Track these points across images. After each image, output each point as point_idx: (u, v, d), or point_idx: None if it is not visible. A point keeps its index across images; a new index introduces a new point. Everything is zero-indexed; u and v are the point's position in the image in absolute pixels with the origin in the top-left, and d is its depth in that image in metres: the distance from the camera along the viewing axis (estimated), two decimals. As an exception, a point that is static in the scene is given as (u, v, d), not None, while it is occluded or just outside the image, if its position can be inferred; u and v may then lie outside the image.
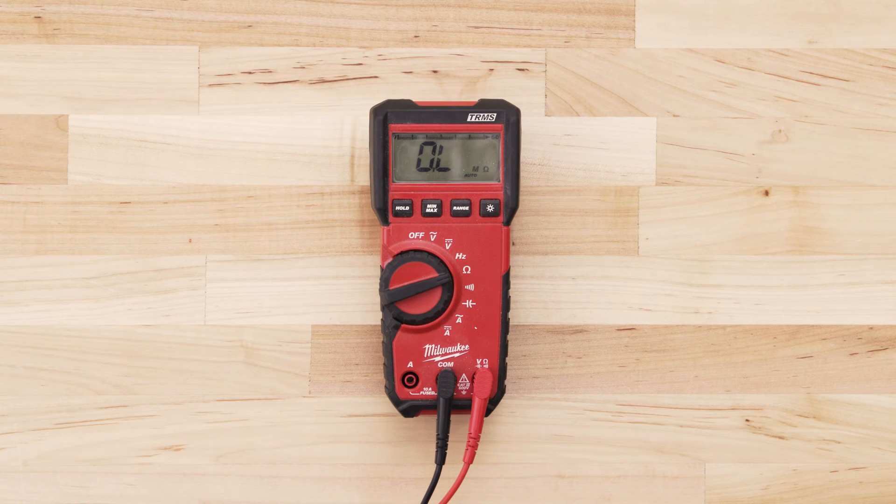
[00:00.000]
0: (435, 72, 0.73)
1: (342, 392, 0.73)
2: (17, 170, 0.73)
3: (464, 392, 0.70)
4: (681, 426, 0.74)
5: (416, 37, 0.73)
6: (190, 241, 0.73)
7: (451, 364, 0.70)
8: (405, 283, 0.69)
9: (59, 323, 0.73)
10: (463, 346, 0.70)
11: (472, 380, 0.70)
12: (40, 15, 0.73)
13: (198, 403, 0.73)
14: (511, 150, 0.69)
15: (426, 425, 0.73)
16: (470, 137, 0.69)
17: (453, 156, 0.69)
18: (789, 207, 0.74)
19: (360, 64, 0.73)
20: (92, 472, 0.73)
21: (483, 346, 0.70)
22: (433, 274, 0.69)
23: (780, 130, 0.74)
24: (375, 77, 0.73)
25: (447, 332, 0.70)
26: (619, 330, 0.74)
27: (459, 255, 0.69)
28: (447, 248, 0.69)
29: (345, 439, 0.73)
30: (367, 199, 0.73)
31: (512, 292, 0.73)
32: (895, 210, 0.74)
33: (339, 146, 0.73)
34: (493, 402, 0.70)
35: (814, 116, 0.74)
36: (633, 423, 0.74)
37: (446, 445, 0.69)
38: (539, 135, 0.73)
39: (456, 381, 0.69)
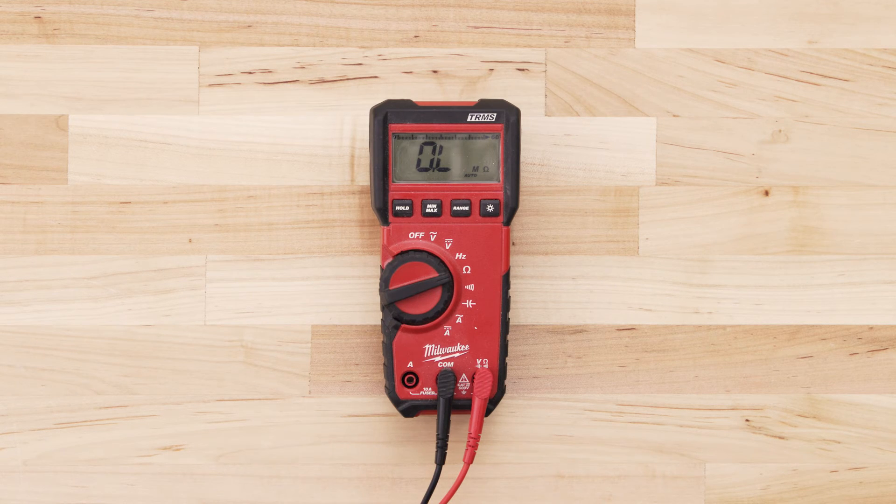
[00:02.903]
0: (435, 72, 0.73)
1: (342, 392, 0.73)
2: (17, 170, 0.73)
3: (464, 392, 0.70)
4: (681, 426, 0.74)
5: (416, 37, 0.73)
6: (190, 241, 0.73)
7: (451, 364, 0.70)
8: (405, 283, 0.69)
9: (59, 323, 0.73)
10: (463, 346, 0.70)
11: (472, 380, 0.70)
12: (40, 15, 0.73)
13: (198, 403, 0.73)
14: (511, 150, 0.69)
15: (426, 425, 0.73)
16: (470, 137, 0.69)
17: (453, 156, 0.69)
18: (789, 207, 0.74)
19: (360, 64, 0.73)
20: (92, 472, 0.73)
21: (483, 346, 0.70)
22: (433, 274, 0.69)
23: (780, 130, 0.74)
24: (375, 77, 0.73)
25: (447, 332, 0.70)
26: (619, 330, 0.74)
27: (459, 255, 0.69)
28: (447, 248, 0.69)
29: (345, 439, 0.73)
30: (367, 199, 0.73)
31: (512, 292, 0.73)
32: (895, 210, 0.74)
33: (339, 146, 0.73)
34: (493, 402, 0.70)
35: (814, 116, 0.74)
36: (633, 423, 0.74)
37: (446, 445, 0.69)
38: (539, 135, 0.73)
39: (456, 381, 0.69)
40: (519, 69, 0.73)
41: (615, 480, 0.74)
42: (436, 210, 0.69)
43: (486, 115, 0.69)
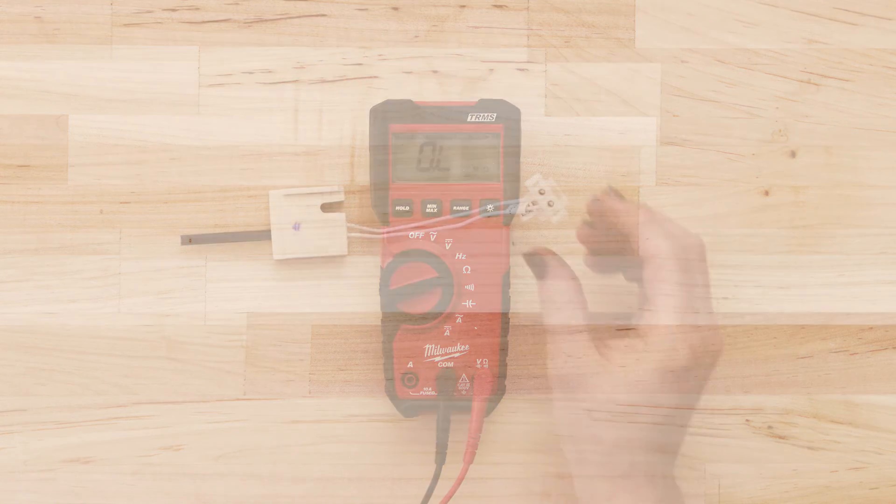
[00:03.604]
0: (435, 72, 0.73)
1: (342, 392, 0.73)
2: (17, 170, 0.73)
3: (464, 392, 0.70)
4: (681, 426, 0.74)
5: (416, 37, 0.73)
6: (190, 240, 0.73)
7: (451, 364, 0.70)
8: (405, 284, 0.69)
9: (59, 323, 0.73)
10: (463, 346, 0.70)
11: (472, 380, 0.70)
12: (40, 15, 0.73)
13: (198, 403, 0.73)
14: (511, 150, 0.69)
15: (426, 425, 0.73)
16: (470, 137, 0.69)
17: (453, 156, 0.69)
18: (789, 207, 0.74)
19: (360, 64, 0.73)
20: (92, 472, 0.73)
21: (483, 346, 0.70)
22: (433, 274, 0.69)
23: (780, 130, 0.74)
24: (375, 77, 0.73)
25: (447, 332, 0.69)
26: (619, 330, 0.74)
27: (459, 255, 0.69)
28: (447, 248, 0.69)
29: (345, 439, 0.73)
30: (367, 199, 0.73)
31: (512, 292, 0.73)
32: (895, 210, 0.74)
33: (339, 146, 0.73)
34: (493, 402, 0.70)
35: (814, 116, 0.74)
36: (633, 423, 0.74)
37: (446, 445, 0.69)
38: (539, 135, 0.73)
39: (456, 381, 0.69)
40: (519, 69, 0.73)
41: (615, 480, 0.74)
42: (436, 210, 0.69)
43: (485, 115, 0.69)
